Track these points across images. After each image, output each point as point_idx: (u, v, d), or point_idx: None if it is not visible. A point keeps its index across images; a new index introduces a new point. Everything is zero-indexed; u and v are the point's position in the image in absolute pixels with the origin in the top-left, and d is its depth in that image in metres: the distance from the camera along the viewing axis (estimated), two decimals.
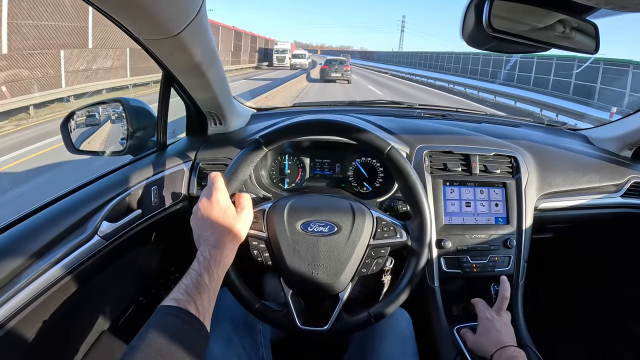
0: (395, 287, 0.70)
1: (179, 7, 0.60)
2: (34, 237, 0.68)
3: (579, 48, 0.75)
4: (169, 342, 0.45)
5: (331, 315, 0.68)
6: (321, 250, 0.67)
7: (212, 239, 0.59)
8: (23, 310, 0.63)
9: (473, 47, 0.78)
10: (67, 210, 0.75)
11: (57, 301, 0.72)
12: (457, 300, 0.95)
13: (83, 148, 1.00)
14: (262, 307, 0.70)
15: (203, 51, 0.75)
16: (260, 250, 0.69)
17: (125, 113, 0.97)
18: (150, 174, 0.91)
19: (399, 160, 0.68)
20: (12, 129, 6.29)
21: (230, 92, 1.00)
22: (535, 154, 1.05)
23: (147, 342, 0.45)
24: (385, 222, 0.70)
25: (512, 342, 0.75)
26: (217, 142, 1.04)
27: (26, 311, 0.64)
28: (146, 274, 1.10)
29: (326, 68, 17.13)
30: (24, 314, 0.63)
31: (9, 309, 0.60)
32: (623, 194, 1.08)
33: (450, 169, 0.97)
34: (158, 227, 0.93)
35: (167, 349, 0.45)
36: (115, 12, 0.58)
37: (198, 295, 0.52)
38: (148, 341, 0.45)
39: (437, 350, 0.87)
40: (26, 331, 0.67)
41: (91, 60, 9.21)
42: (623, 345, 1.23)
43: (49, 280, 0.67)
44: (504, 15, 0.67)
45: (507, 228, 0.95)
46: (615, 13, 0.69)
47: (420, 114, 1.30)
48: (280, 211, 0.70)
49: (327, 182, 1.05)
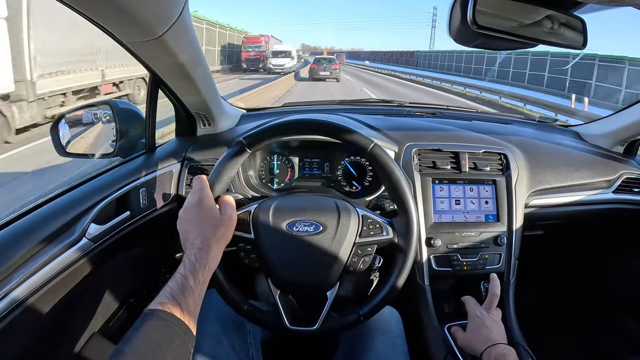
0: (383, 285, 0.69)
1: (161, 9, 0.60)
2: (22, 240, 0.68)
3: (567, 44, 0.75)
4: (153, 345, 0.46)
5: (320, 314, 0.68)
6: (307, 250, 0.67)
7: (198, 242, 0.59)
8: (11, 314, 0.63)
9: (460, 45, 0.78)
10: (55, 213, 0.75)
11: (46, 304, 0.72)
12: (448, 299, 0.95)
13: (72, 150, 0.99)
14: (250, 308, 0.70)
15: (188, 53, 0.75)
16: (247, 251, 0.69)
17: (114, 115, 0.97)
18: (139, 175, 0.91)
19: (382, 157, 0.68)
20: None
21: (217, 93, 1.00)
22: (526, 150, 1.05)
23: (132, 346, 0.45)
24: (371, 219, 0.70)
25: (503, 339, 0.75)
26: (206, 143, 1.03)
27: (14, 314, 0.64)
28: (136, 275, 1.09)
29: (315, 67, 17.12)
30: (12, 317, 0.63)
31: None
32: (615, 189, 1.08)
33: (440, 166, 0.97)
34: (147, 228, 0.93)
35: (151, 352, 0.45)
36: (97, 16, 0.58)
37: (183, 298, 0.52)
38: (133, 345, 0.45)
39: (428, 349, 0.87)
40: (15, 334, 0.67)
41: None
42: (615, 342, 1.23)
43: (37, 283, 0.67)
44: (489, 11, 0.67)
45: (498, 225, 0.95)
46: (603, 8, 0.69)
47: (411, 112, 1.30)
48: (266, 212, 0.70)
49: (317, 182, 1.05)
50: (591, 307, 1.34)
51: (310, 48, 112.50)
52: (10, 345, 0.66)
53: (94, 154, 1.08)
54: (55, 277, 0.70)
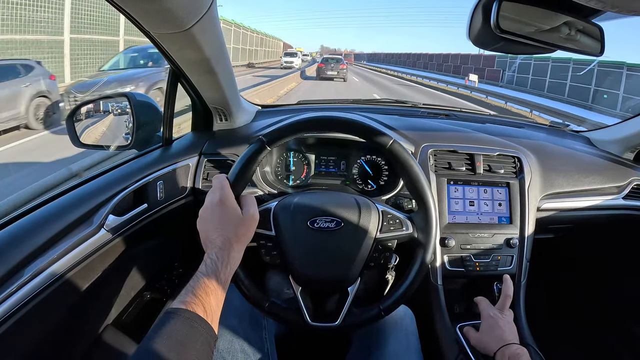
0: (403, 280, 0.70)
1: (191, 2, 0.61)
2: (41, 230, 0.68)
3: (584, 50, 0.75)
4: (177, 344, 0.45)
5: (341, 310, 0.68)
6: (329, 245, 0.68)
7: (219, 241, 0.59)
8: (29, 303, 0.63)
9: (479, 48, 0.79)
10: (74, 204, 0.75)
11: (62, 294, 0.72)
12: (460, 299, 0.96)
13: (88, 142, 1.00)
14: (272, 305, 0.69)
15: (212, 47, 0.75)
16: (268, 248, 0.69)
17: (131, 107, 0.97)
18: (156, 168, 0.91)
19: (401, 153, 0.69)
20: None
21: (237, 89, 1.00)
22: (539, 154, 1.06)
23: (155, 345, 0.45)
24: (390, 215, 0.71)
25: (515, 340, 0.76)
26: (222, 138, 1.04)
27: (32, 303, 0.64)
28: (151, 268, 1.10)
29: (322, 66, 17.48)
30: (30, 306, 0.63)
31: (16, 301, 0.61)
32: (625, 195, 1.09)
33: (455, 168, 0.97)
34: (163, 221, 0.93)
35: (175, 351, 0.45)
36: (127, 4, 0.58)
37: (206, 297, 0.52)
38: (156, 344, 0.45)
39: (440, 348, 0.88)
40: (32, 323, 0.67)
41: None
42: (623, 346, 1.24)
43: (55, 273, 0.67)
44: (511, 16, 0.67)
45: (510, 228, 0.96)
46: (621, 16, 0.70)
47: (425, 113, 1.30)
48: (287, 209, 0.70)
49: (332, 180, 1.05)
50: (599, 311, 1.35)
51: (330, 50, 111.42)
52: (30, 331, 0.67)
53: (109, 146, 1.09)
54: (73, 268, 0.70)
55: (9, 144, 4.61)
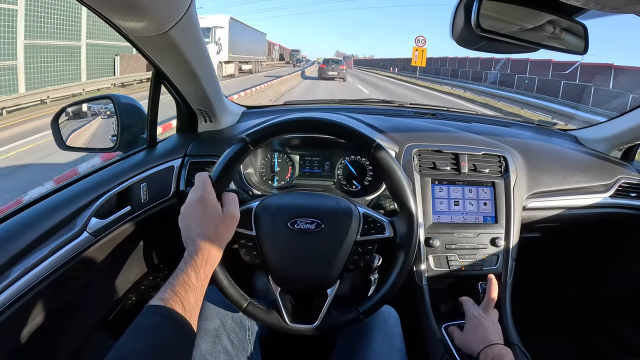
0: (383, 283, 0.70)
1: (168, 5, 0.60)
2: (23, 234, 0.68)
3: (568, 49, 0.76)
4: (155, 341, 0.46)
5: (320, 312, 0.69)
6: (309, 247, 0.68)
7: (199, 238, 0.59)
8: (12, 307, 0.63)
9: (463, 47, 0.79)
10: (57, 207, 0.75)
11: (46, 297, 0.72)
12: (445, 299, 0.96)
13: (73, 144, 1.00)
14: (250, 306, 0.69)
15: (192, 49, 0.75)
16: (249, 248, 0.69)
17: (116, 109, 0.97)
18: (140, 170, 0.91)
19: (384, 157, 0.68)
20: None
21: (220, 90, 1.00)
22: (525, 153, 1.06)
23: (133, 342, 0.45)
24: (371, 218, 0.71)
25: (499, 340, 0.76)
26: (207, 140, 1.04)
27: (15, 307, 0.64)
28: (135, 270, 1.09)
29: (324, 67, 18.92)
30: (13, 310, 0.63)
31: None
32: (612, 194, 1.09)
33: (439, 167, 0.97)
34: (147, 223, 0.93)
35: (153, 348, 0.45)
36: (105, 10, 0.58)
37: (185, 294, 0.52)
38: (134, 341, 0.45)
39: (425, 348, 0.88)
40: (15, 327, 0.67)
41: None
42: (610, 345, 1.24)
43: (38, 276, 0.67)
44: (493, 15, 0.67)
45: (496, 227, 0.96)
46: (605, 14, 0.70)
47: (411, 112, 1.30)
48: (268, 209, 0.70)
49: (317, 180, 1.05)
50: (587, 310, 1.35)
51: (341, 54, 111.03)
52: (11, 337, 0.67)
53: (94, 148, 1.08)
54: (56, 271, 0.70)
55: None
